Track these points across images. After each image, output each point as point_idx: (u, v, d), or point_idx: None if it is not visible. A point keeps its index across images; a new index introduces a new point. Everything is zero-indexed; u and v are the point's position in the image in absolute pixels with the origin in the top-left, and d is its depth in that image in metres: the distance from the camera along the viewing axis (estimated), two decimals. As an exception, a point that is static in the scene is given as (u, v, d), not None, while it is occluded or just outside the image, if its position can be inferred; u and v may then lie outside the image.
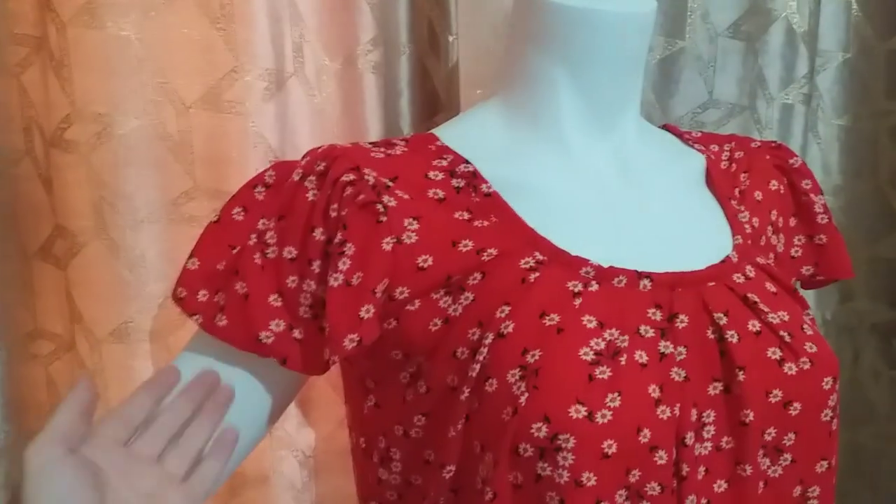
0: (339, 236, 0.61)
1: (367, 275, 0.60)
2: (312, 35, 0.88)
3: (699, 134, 0.83)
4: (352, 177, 0.62)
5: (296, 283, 0.62)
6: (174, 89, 0.85)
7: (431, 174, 0.66)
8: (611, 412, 0.57)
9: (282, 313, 0.61)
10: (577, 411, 0.56)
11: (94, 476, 0.52)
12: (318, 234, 0.62)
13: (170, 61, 0.84)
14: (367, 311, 0.60)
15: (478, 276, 0.62)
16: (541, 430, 0.56)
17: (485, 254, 0.62)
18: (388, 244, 0.61)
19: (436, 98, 0.93)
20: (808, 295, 1.04)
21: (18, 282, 0.93)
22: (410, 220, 0.62)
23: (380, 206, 0.61)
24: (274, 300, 0.62)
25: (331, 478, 0.98)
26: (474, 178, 0.66)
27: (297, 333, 0.61)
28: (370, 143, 0.69)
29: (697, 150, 0.79)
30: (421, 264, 0.62)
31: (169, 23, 0.84)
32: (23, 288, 0.93)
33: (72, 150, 0.85)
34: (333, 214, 0.61)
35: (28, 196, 0.90)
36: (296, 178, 0.64)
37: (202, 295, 0.63)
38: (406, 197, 0.63)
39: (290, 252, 0.62)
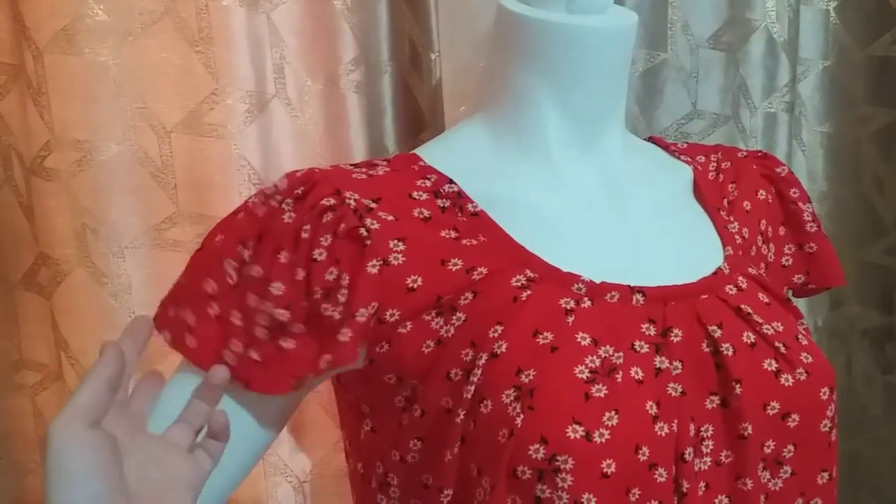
0: (333, 270, 0.60)
1: (350, 298, 0.59)
2: (293, 56, 0.88)
3: (685, 145, 0.83)
4: (332, 201, 0.61)
5: (255, 302, 0.60)
6: (154, 114, 0.85)
7: (415, 194, 0.65)
8: (608, 431, 0.56)
9: (239, 333, 0.61)
10: (575, 431, 0.56)
11: (114, 450, 0.51)
12: (283, 256, 0.60)
13: (149, 86, 0.84)
14: (344, 335, 0.59)
15: (469, 295, 0.61)
16: (538, 451, 0.55)
17: (475, 273, 0.62)
18: (373, 266, 0.60)
19: (420, 116, 0.93)
20: (799, 302, 1.04)
21: (2, 312, 0.92)
22: (396, 241, 0.61)
23: (363, 230, 0.61)
24: (235, 318, 0.61)
25: (326, 501, 0.97)
26: (459, 198, 0.65)
27: (253, 354, 0.60)
28: (352, 165, 0.68)
29: (684, 161, 0.79)
30: (410, 285, 0.61)
31: (147, 47, 0.83)
32: (6, 318, 0.92)
33: (52, 178, 0.84)
34: (305, 236, 0.60)
35: (9, 225, 0.89)
36: (273, 203, 0.62)
37: (173, 311, 0.62)
38: (390, 218, 0.62)
39: (257, 271, 0.61)
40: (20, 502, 0.97)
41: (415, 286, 0.61)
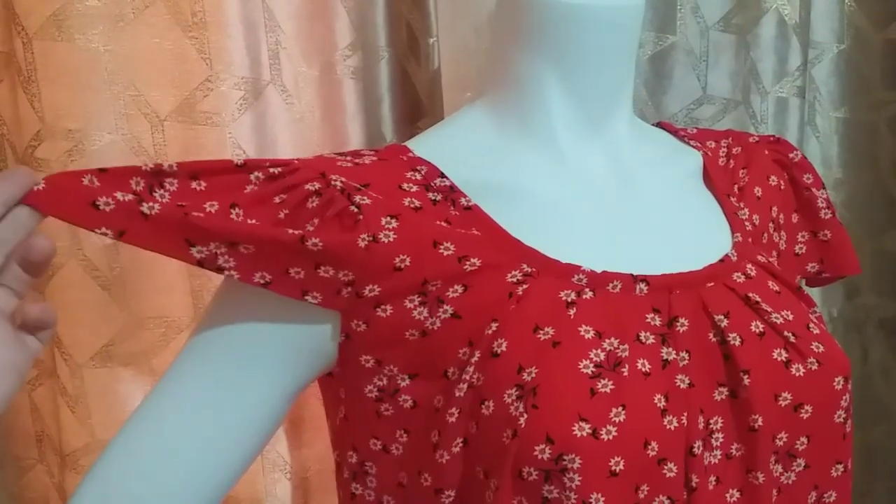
0: (323, 267, 0.57)
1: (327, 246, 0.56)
2: (289, 41, 0.86)
3: (695, 130, 0.81)
4: (317, 185, 0.58)
5: (165, 196, 0.56)
6: (147, 102, 0.83)
7: (405, 185, 0.62)
8: (616, 427, 0.54)
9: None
10: (581, 429, 0.54)
11: None
12: (237, 213, 0.56)
13: (142, 73, 0.82)
14: (296, 273, 0.57)
15: (459, 288, 0.59)
16: (544, 451, 0.54)
17: (467, 263, 0.59)
18: (363, 241, 0.57)
19: (418, 103, 0.91)
20: (813, 292, 1.02)
21: (-3, 307, 0.91)
22: (388, 218, 0.59)
23: (353, 208, 0.58)
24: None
25: (326, 498, 0.96)
26: (452, 192, 0.63)
27: (146, 208, 0.55)
28: (336, 154, 0.66)
29: (693, 146, 0.77)
30: (398, 264, 0.58)
31: (139, 32, 0.82)
32: (1, 313, 0.91)
33: (44, 168, 0.82)
34: (281, 217, 0.57)
35: (2, 217, 0.87)
36: (237, 162, 0.59)
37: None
38: (381, 197, 0.60)
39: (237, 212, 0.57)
40: (19, 498, 0.96)
41: (402, 266, 0.58)
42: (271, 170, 0.59)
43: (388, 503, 0.63)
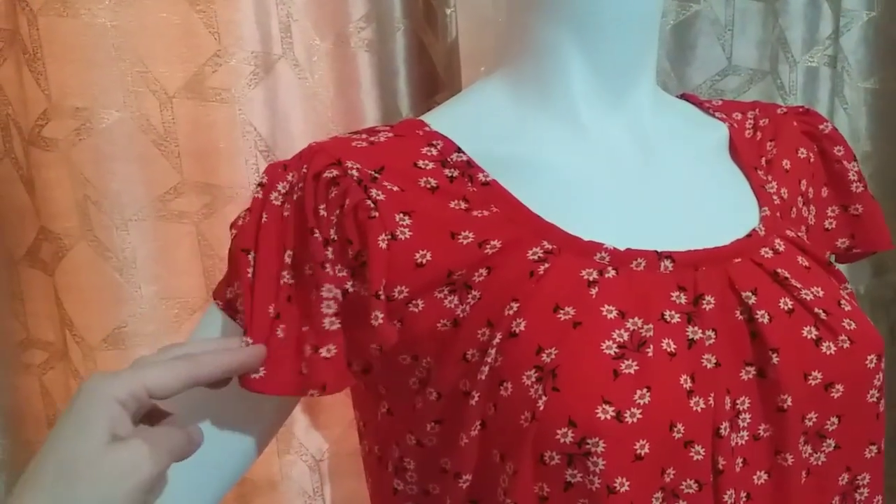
0: (350, 251, 0.57)
1: (369, 277, 0.56)
2: (300, 13, 0.84)
3: (720, 102, 0.79)
4: (335, 172, 0.58)
5: (317, 295, 0.57)
6: (155, 78, 0.81)
7: (421, 163, 0.61)
8: (640, 410, 0.53)
9: (309, 337, 0.57)
10: (605, 412, 0.52)
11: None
12: (316, 234, 0.58)
13: (149, 48, 0.81)
14: (375, 319, 0.56)
15: (483, 272, 0.58)
16: (566, 435, 0.52)
17: (488, 246, 0.58)
18: (383, 241, 0.57)
19: (435, 76, 0.89)
20: (840, 268, 1.00)
21: (7, 289, 0.90)
22: (401, 215, 0.58)
23: (369, 202, 0.57)
24: (306, 328, 0.58)
25: (343, 481, 0.96)
26: (469, 167, 0.61)
27: (324, 352, 0.57)
28: (351, 133, 0.64)
29: (719, 118, 0.75)
30: (419, 260, 0.57)
31: (146, 7, 0.80)
32: (12, 295, 0.90)
33: (51, 148, 0.81)
34: (323, 214, 0.57)
35: (10, 199, 0.87)
36: (283, 190, 0.59)
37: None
38: (395, 189, 0.59)
39: (309, 268, 0.58)
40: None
41: (423, 261, 0.57)
42: (303, 170, 0.59)
43: (434, 491, 0.62)
